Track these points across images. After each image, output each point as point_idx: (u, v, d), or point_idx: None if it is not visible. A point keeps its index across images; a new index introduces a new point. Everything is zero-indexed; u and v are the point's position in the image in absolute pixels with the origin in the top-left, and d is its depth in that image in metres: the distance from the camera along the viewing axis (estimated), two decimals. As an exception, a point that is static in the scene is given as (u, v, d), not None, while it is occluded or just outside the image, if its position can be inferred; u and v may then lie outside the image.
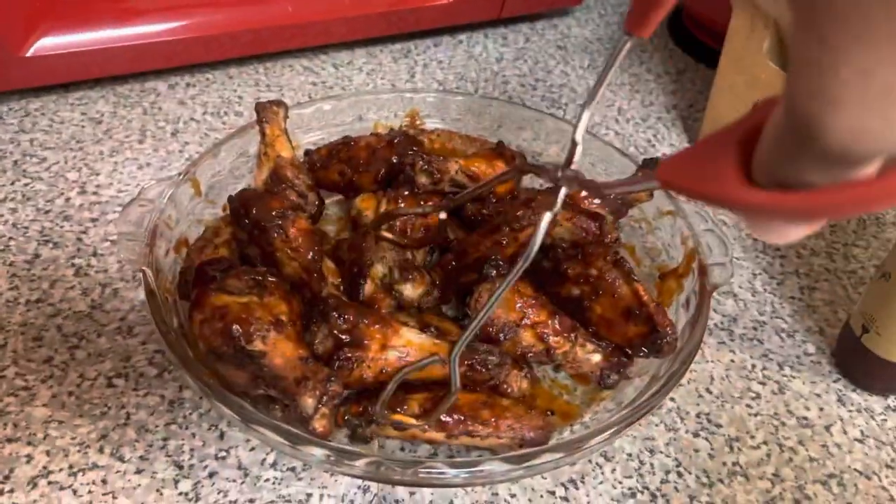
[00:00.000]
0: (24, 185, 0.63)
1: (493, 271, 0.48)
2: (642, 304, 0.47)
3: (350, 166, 0.57)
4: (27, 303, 0.53)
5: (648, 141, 0.75)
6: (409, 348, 0.44)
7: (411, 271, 0.49)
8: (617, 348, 0.48)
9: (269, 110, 0.58)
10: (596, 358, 0.47)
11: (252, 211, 0.49)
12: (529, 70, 0.86)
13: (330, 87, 0.79)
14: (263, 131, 0.57)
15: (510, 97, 0.81)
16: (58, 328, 0.51)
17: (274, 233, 0.49)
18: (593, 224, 0.49)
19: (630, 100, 0.82)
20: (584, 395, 0.49)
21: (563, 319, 0.48)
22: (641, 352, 0.47)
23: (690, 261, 0.52)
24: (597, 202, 0.55)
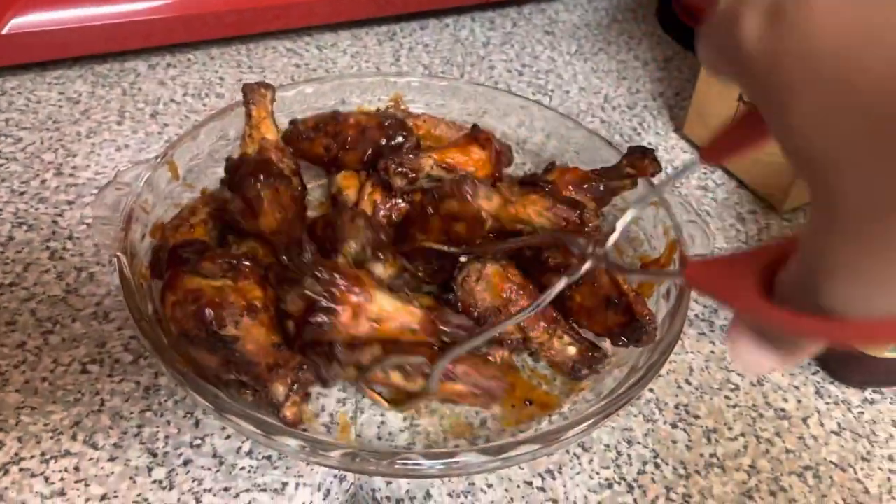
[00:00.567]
0: (-1, 165, 0.62)
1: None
2: (621, 294, 0.47)
3: (336, 142, 0.56)
4: (0, 287, 0.52)
5: (634, 129, 0.75)
6: (383, 314, 0.43)
7: (384, 252, 0.48)
8: (593, 344, 0.48)
9: (256, 92, 0.57)
10: (571, 351, 0.47)
11: (248, 166, 0.50)
12: (516, 55, 0.85)
13: (313, 70, 0.78)
14: (249, 113, 0.57)
15: (496, 83, 0.80)
16: (31, 312, 0.51)
17: (267, 183, 0.49)
18: (574, 213, 0.49)
19: (617, 87, 0.81)
20: (564, 385, 0.49)
21: (545, 310, 0.48)
22: (621, 341, 0.47)
23: (671, 251, 0.52)
24: (580, 189, 0.55)
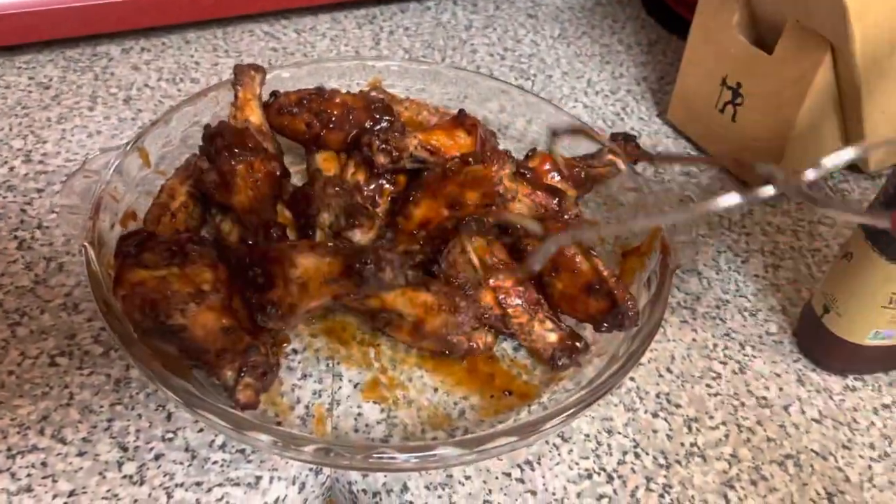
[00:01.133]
0: (-34, 152, 0.60)
1: (473, 225, 0.47)
2: (602, 280, 0.46)
3: (320, 120, 0.55)
4: (-34, 277, 0.51)
5: (617, 114, 0.74)
6: (307, 275, 0.42)
7: (357, 216, 0.47)
8: (574, 334, 0.47)
9: (246, 73, 0.56)
10: (552, 337, 0.46)
11: (227, 136, 0.49)
12: (498, 39, 0.84)
13: (291, 54, 0.77)
14: (236, 94, 0.55)
15: (478, 67, 0.79)
16: (-2, 304, 0.49)
17: (242, 157, 0.48)
18: (552, 200, 0.48)
19: (600, 71, 0.80)
20: (543, 375, 0.48)
21: (529, 292, 0.47)
22: (604, 327, 0.46)
23: (653, 239, 0.51)
24: (561, 175, 0.54)
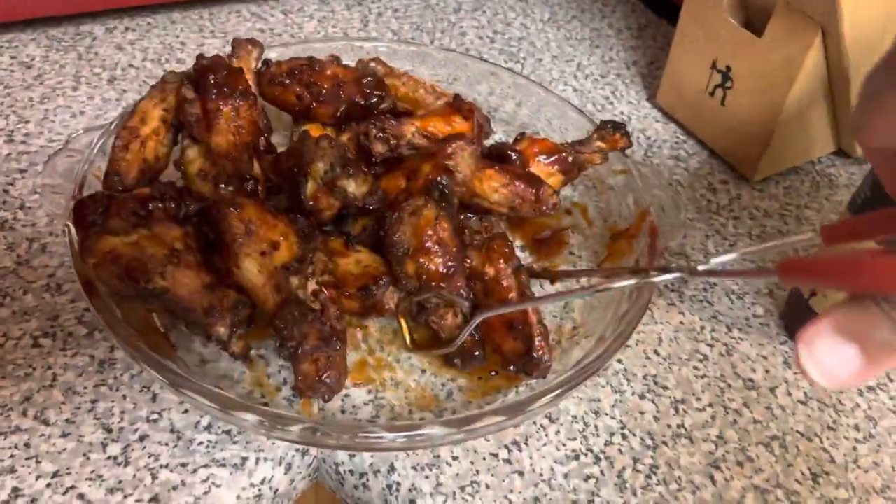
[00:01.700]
0: (-54, 132, 0.59)
1: (436, 192, 0.46)
2: (527, 323, 0.44)
3: (310, 92, 0.54)
4: (-53, 258, 0.50)
5: (606, 98, 0.74)
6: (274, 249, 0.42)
7: (353, 167, 0.46)
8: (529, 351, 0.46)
9: (243, 47, 0.56)
10: (456, 323, 0.45)
11: (221, 73, 0.49)
12: (488, 22, 0.83)
13: (279, 35, 0.76)
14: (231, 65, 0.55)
15: (467, 49, 0.78)
16: (-20, 285, 0.49)
17: (231, 99, 0.48)
18: (530, 191, 0.47)
19: (590, 55, 0.80)
20: (531, 356, 0.48)
21: (458, 278, 0.45)
22: (510, 367, 0.45)
23: (641, 221, 0.51)
24: (548, 160, 0.54)
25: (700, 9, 0.64)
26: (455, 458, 0.43)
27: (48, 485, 0.39)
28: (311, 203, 0.46)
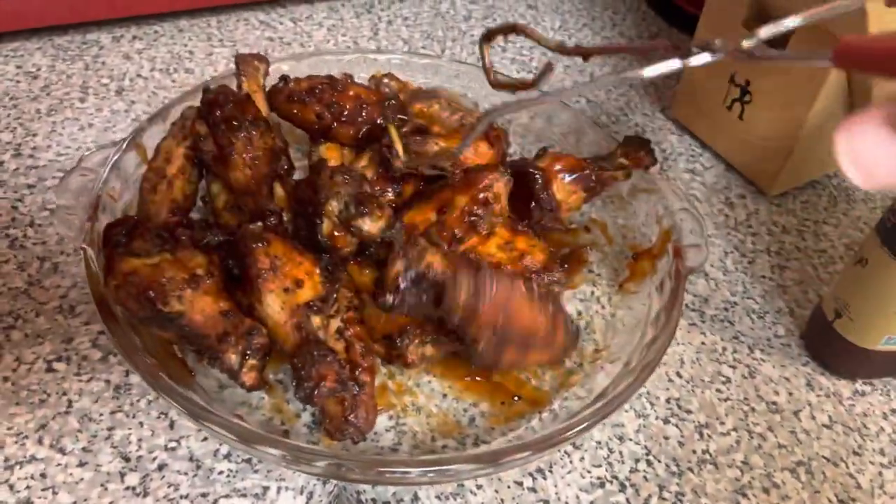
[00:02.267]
0: (-47, 146, 0.58)
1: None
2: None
3: (331, 112, 0.53)
4: (-43, 278, 0.49)
5: (620, 109, 0.73)
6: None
7: (367, 204, 0.45)
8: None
9: (249, 64, 0.55)
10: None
11: (227, 106, 0.47)
12: (499, 30, 0.82)
13: (288, 44, 0.75)
14: (240, 85, 0.54)
15: (478, 58, 0.77)
16: (-9, 307, 0.48)
17: (241, 132, 0.47)
18: (535, 263, 0.47)
19: (602, 65, 0.79)
20: (553, 380, 0.47)
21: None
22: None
23: (665, 241, 0.50)
24: (571, 178, 0.53)
25: (718, 23, 0.63)
26: (479, 487, 0.42)
27: (66, 518, 0.39)
28: (328, 241, 0.45)
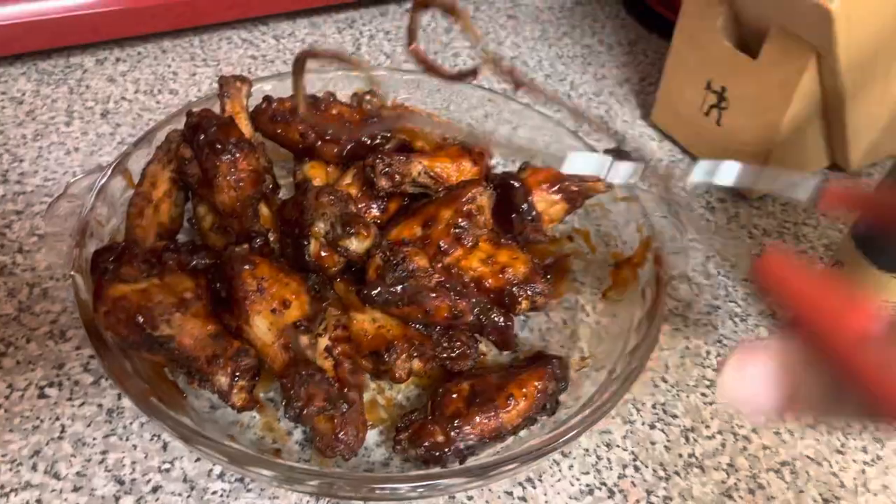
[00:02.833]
0: (-60, 174, 0.58)
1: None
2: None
3: (315, 131, 0.54)
4: (-53, 307, 0.49)
5: (601, 117, 0.74)
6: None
7: (353, 224, 0.46)
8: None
9: (231, 85, 0.55)
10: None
11: (211, 130, 0.47)
12: (480, 41, 0.83)
13: (271, 61, 0.76)
14: (223, 107, 0.55)
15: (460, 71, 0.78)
16: (-18, 334, 0.48)
17: (225, 155, 0.47)
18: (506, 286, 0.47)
19: (583, 73, 0.80)
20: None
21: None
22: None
23: (645, 249, 0.51)
24: (552, 189, 0.54)
25: (694, 31, 0.64)
26: (470, 499, 0.43)
27: (62, 543, 0.39)
28: (315, 262, 0.46)
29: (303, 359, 0.40)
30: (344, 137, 0.54)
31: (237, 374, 0.40)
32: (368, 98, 0.61)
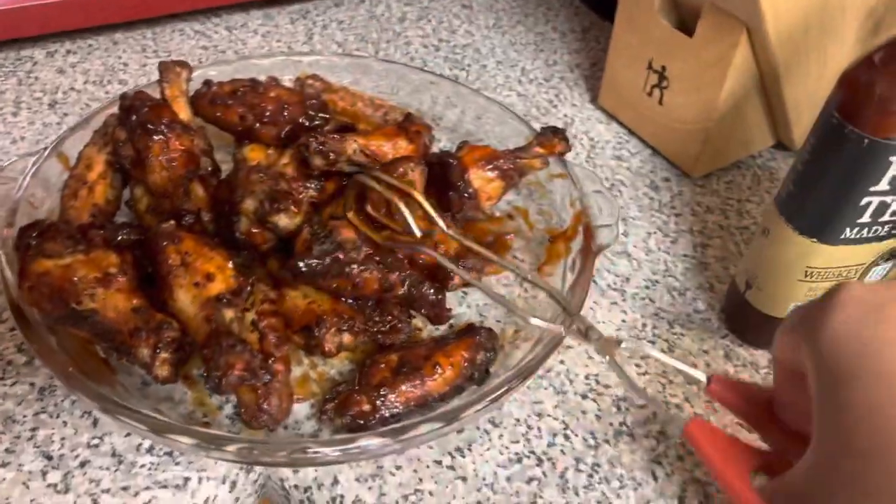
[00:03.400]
0: None
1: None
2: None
3: (253, 113, 0.54)
4: None
5: (550, 101, 0.74)
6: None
7: (283, 200, 0.46)
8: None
9: (171, 70, 0.56)
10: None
11: (143, 111, 0.48)
12: (433, 30, 0.84)
13: (222, 52, 0.76)
14: (163, 91, 0.55)
15: (412, 59, 0.79)
16: (-84, 317, 0.48)
17: (157, 136, 0.48)
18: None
19: (534, 59, 0.81)
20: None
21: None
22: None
23: (577, 223, 0.52)
24: (488, 167, 0.54)
25: (634, 12, 0.65)
26: (398, 468, 0.43)
27: (-14, 517, 0.39)
28: (245, 239, 0.46)
29: (224, 330, 0.40)
30: (282, 119, 0.55)
31: (159, 346, 0.40)
32: (311, 82, 0.61)
